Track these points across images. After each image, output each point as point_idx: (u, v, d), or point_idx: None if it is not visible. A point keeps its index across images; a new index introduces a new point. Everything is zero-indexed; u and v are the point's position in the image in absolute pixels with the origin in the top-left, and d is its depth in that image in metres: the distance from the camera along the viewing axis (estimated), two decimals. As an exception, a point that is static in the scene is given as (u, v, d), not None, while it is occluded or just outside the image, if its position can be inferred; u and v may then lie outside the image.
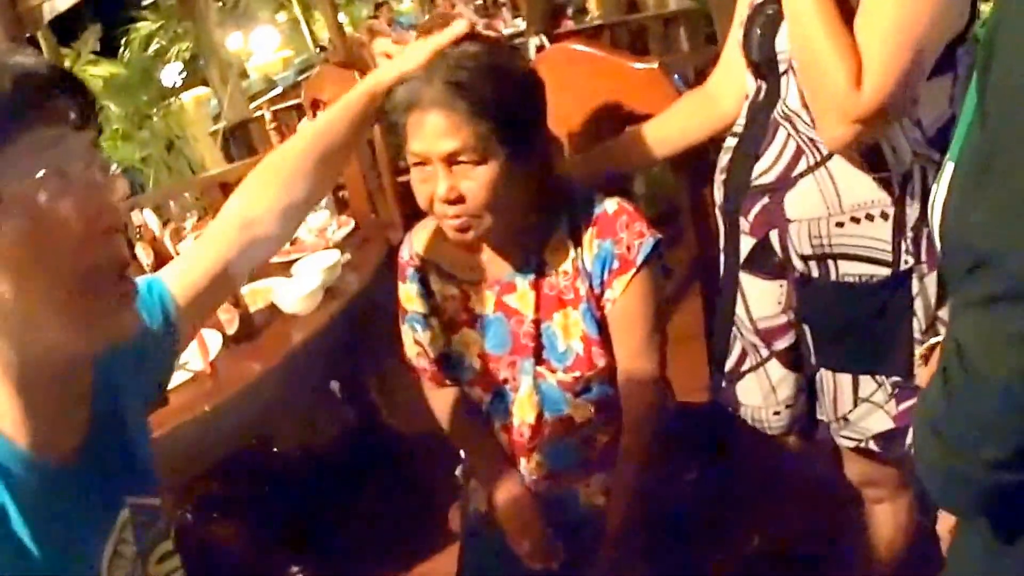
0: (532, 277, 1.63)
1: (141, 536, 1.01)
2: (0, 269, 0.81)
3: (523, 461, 1.74)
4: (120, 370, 1.04)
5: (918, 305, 1.54)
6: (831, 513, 2.19)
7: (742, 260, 1.70)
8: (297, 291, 2.22)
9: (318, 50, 6.97)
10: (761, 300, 1.70)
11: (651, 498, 1.66)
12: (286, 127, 4.55)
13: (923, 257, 1.52)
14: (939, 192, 0.97)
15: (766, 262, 1.65)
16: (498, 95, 1.45)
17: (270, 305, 2.27)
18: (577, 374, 1.64)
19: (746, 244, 1.67)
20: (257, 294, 2.31)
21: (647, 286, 1.61)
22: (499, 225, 1.52)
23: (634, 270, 1.59)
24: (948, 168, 0.94)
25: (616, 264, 1.59)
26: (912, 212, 1.49)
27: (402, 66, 1.46)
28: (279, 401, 2.13)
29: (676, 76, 1.83)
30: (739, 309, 1.75)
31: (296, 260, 2.52)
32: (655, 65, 1.82)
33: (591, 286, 1.61)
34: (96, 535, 0.94)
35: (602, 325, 1.63)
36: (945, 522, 1.32)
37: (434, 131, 1.43)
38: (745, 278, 1.71)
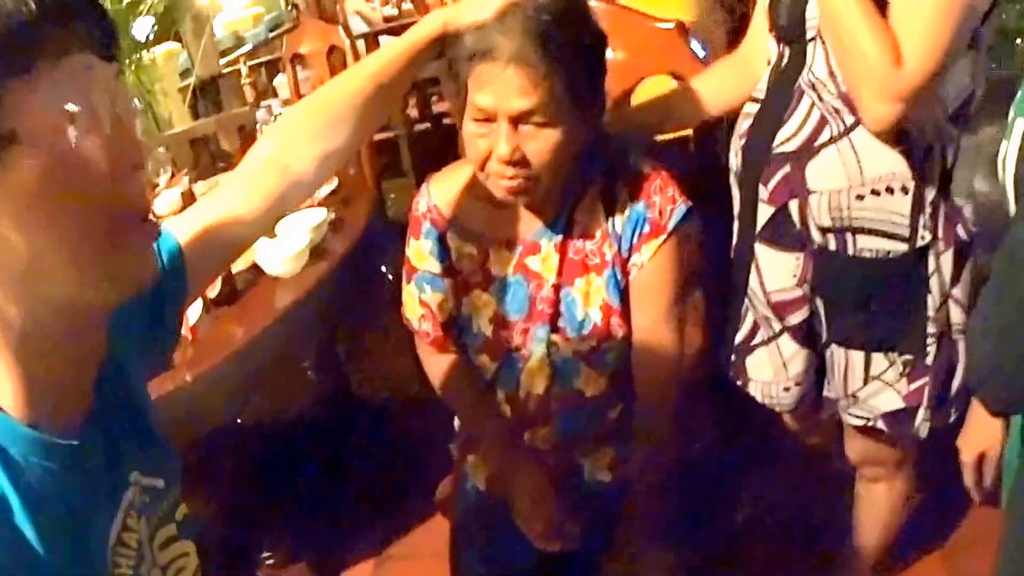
0: (559, 239, 1.55)
1: (147, 520, 0.92)
2: (22, 217, 0.72)
3: (528, 434, 1.67)
4: (125, 332, 0.94)
5: (933, 283, 1.55)
6: (826, 486, 2.20)
7: (759, 230, 1.67)
8: (283, 251, 2.10)
9: (290, 7, 6.82)
10: (777, 272, 1.68)
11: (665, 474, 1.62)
12: (260, 82, 4.45)
13: (940, 234, 1.53)
14: (1010, 146, 1.05)
15: (784, 233, 1.64)
16: (577, 52, 1.36)
17: (252, 266, 2.14)
18: (593, 344, 1.57)
19: (764, 213, 1.65)
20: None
21: (675, 254, 1.56)
22: (549, 186, 1.45)
23: (664, 236, 1.53)
24: (1019, 124, 1.02)
25: (647, 228, 1.53)
26: (931, 188, 1.50)
27: (480, 11, 1.34)
28: (265, 370, 2.01)
29: (694, 40, 1.77)
30: (753, 280, 1.73)
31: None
32: (672, 25, 1.77)
33: (619, 250, 1.54)
34: (101, 517, 0.85)
35: (624, 294, 1.57)
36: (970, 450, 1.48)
37: (507, 87, 1.33)
38: (761, 249, 1.69)
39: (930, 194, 1.51)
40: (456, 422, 1.82)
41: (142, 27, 4.45)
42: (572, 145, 1.41)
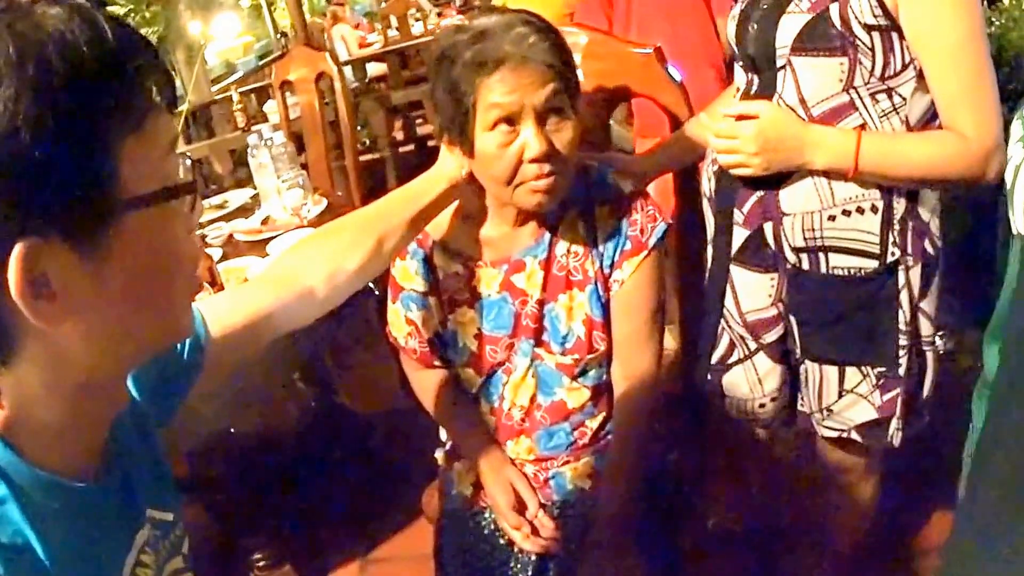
0: (543, 257, 1.59)
1: (156, 554, 0.94)
2: (122, 280, 0.73)
3: (510, 444, 1.72)
4: (141, 379, 0.98)
5: (903, 297, 1.59)
6: (799, 493, 2.25)
7: (734, 252, 1.72)
8: (274, 271, 2.16)
9: (279, 36, 6.91)
10: (752, 292, 1.73)
11: (641, 482, 1.66)
12: (250, 108, 4.51)
13: (909, 250, 1.58)
14: (1021, 169, 1.01)
15: (758, 254, 1.69)
16: (566, 50, 1.43)
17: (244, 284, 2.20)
18: (576, 356, 1.62)
19: (739, 236, 1.70)
20: (231, 273, 2.25)
21: (655, 270, 1.61)
22: (565, 187, 1.49)
23: (645, 252, 1.58)
24: None
25: (629, 245, 1.58)
26: (899, 206, 1.55)
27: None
28: (252, 385, 2.06)
29: (670, 65, 1.82)
30: (728, 301, 1.77)
31: (272, 239, 2.48)
32: (650, 50, 1.83)
33: (601, 266, 1.59)
34: (115, 556, 0.87)
35: (606, 309, 1.61)
36: None
37: (529, 82, 1.37)
38: (736, 271, 1.73)
39: (898, 212, 1.56)
40: (441, 431, 1.86)
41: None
42: (579, 140, 1.47)
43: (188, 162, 0.79)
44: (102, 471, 0.86)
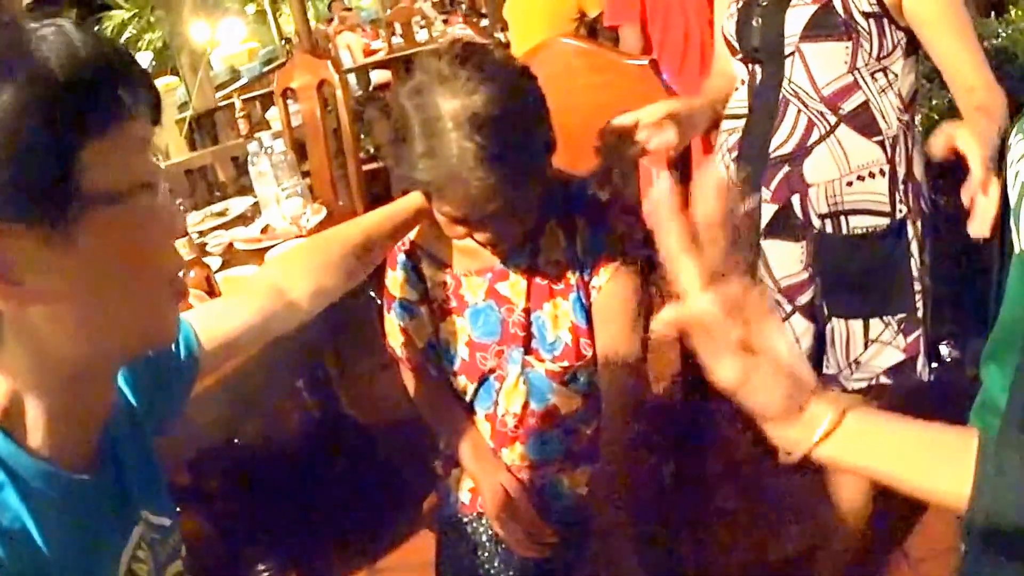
0: (525, 266, 1.62)
1: (155, 555, 0.97)
2: (87, 275, 0.77)
3: (505, 451, 1.73)
4: (138, 386, 1.02)
5: (913, 248, 1.78)
6: (795, 497, 2.30)
7: (764, 227, 1.84)
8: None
9: (283, 42, 6.93)
10: (784, 261, 1.86)
11: (634, 490, 1.66)
12: (253, 115, 4.51)
13: (911, 206, 1.77)
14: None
15: (788, 225, 1.83)
16: (529, 143, 1.40)
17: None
18: (565, 364, 1.64)
19: (767, 212, 1.82)
20: (229, 283, 2.25)
21: (633, 275, 1.62)
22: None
23: (622, 259, 1.60)
24: None
25: (605, 252, 1.60)
26: (901, 169, 1.76)
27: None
28: (255, 394, 2.08)
29: (665, 75, 1.85)
30: (762, 273, 1.89)
31: (270, 248, 2.48)
32: (646, 61, 1.85)
33: (581, 274, 1.61)
34: (112, 548, 0.90)
35: (590, 315, 1.63)
36: None
37: (474, 201, 1.38)
38: (768, 244, 1.86)
39: (901, 174, 1.75)
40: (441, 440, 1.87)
41: (141, 62, 4.55)
42: (536, 203, 1.51)
43: (159, 163, 0.84)
44: (97, 466, 0.89)
